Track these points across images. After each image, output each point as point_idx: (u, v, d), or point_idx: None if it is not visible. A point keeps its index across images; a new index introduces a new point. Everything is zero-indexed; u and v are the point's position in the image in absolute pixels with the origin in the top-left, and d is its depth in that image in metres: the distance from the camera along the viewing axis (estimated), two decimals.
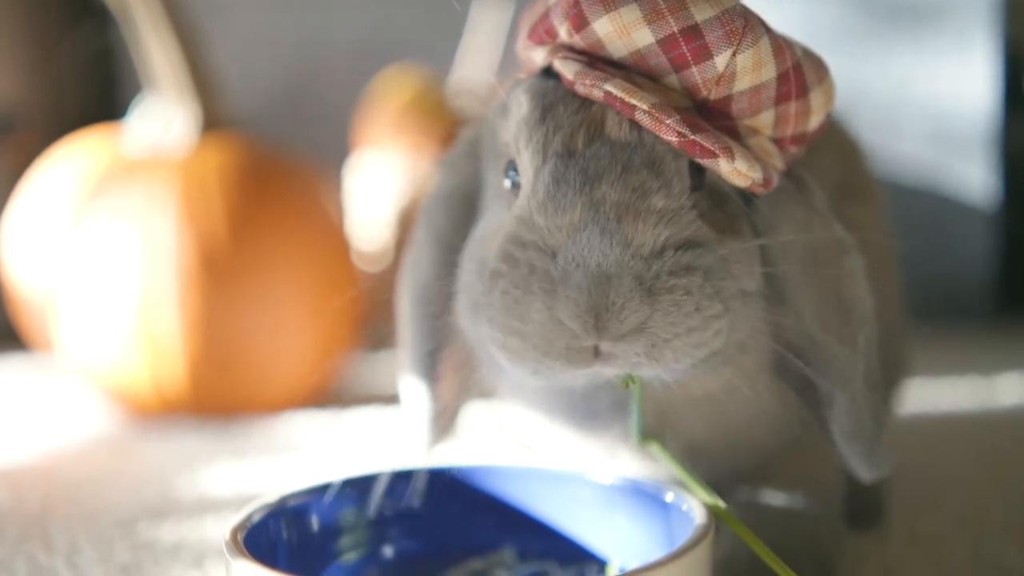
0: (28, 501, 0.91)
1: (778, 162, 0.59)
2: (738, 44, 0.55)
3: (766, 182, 0.57)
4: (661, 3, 0.56)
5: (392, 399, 1.23)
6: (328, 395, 1.26)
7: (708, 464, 0.67)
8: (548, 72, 0.62)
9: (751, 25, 0.56)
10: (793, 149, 0.61)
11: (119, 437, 1.13)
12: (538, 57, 0.62)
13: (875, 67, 1.66)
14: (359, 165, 1.57)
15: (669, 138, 0.55)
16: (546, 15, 0.61)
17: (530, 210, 0.56)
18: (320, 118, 1.79)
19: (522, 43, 0.66)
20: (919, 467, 0.93)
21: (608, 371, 0.56)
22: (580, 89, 0.57)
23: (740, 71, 0.56)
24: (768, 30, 0.57)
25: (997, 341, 1.53)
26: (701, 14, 0.56)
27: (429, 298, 0.68)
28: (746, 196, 0.60)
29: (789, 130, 0.59)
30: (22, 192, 1.45)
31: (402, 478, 0.67)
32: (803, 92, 0.59)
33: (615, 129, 0.56)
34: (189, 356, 1.10)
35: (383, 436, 1.09)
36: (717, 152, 0.55)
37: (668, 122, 0.54)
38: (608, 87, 0.56)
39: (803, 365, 0.61)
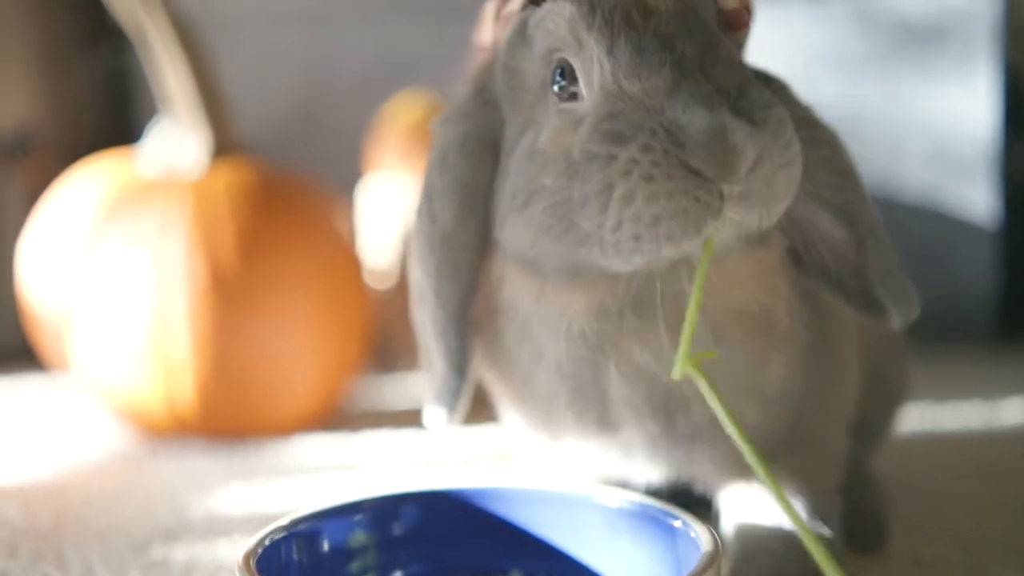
0: (41, 519, 0.92)
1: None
2: None
3: (748, 10, 0.65)
4: None
5: (401, 419, 1.25)
6: (339, 416, 1.28)
7: (745, 425, 0.67)
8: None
9: None
10: (748, 21, 0.67)
11: (132, 456, 1.15)
12: (514, 4, 0.67)
13: (878, 90, 1.68)
14: (370, 187, 1.59)
15: None
16: None
17: (617, 83, 0.58)
18: (331, 140, 1.81)
19: (492, 14, 0.69)
20: (921, 490, 0.94)
21: (731, 216, 0.57)
22: None
23: None
24: None
25: (999, 362, 1.54)
26: None
27: (456, 246, 0.68)
28: None
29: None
30: (39, 212, 1.47)
31: (411, 500, 0.69)
32: None
33: (660, 3, 0.61)
34: (201, 376, 1.12)
35: (393, 459, 1.10)
36: None
37: None
38: None
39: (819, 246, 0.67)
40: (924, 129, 1.67)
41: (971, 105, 1.65)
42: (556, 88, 0.63)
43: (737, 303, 0.65)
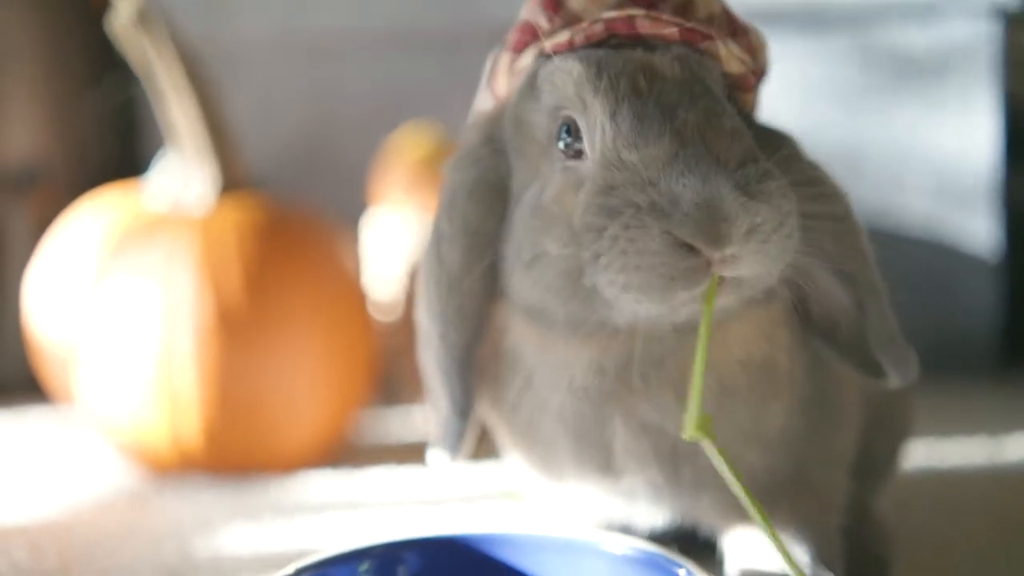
0: (48, 559, 0.92)
1: (752, 81, 0.67)
2: None
3: (755, 74, 0.66)
4: None
5: (406, 453, 1.25)
6: (344, 450, 1.28)
7: (746, 470, 0.69)
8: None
9: None
10: (755, 84, 0.69)
11: (137, 493, 1.15)
12: (527, 59, 0.69)
13: (879, 122, 1.69)
14: (375, 220, 1.60)
15: (669, 31, 0.62)
16: (523, 23, 0.68)
17: (616, 151, 0.60)
18: (336, 173, 1.82)
19: (503, 66, 0.71)
20: (924, 529, 0.94)
21: (725, 273, 0.58)
22: (579, 38, 0.64)
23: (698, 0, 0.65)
24: None
25: (1002, 395, 1.54)
26: None
27: (463, 291, 0.69)
28: None
29: (749, 62, 0.66)
30: (46, 245, 1.48)
31: (416, 546, 0.69)
32: (743, 30, 0.67)
33: (667, 69, 0.62)
34: (206, 413, 1.12)
35: (399, 496, 1.10)
36: (713, 35, 0.62)
37: (665, 18, 0.62)
38: (604, 15, 0.63)
39: (821, 301, 0.68)
40: (925, 161, 1.68)
41: (971, 137, 1.66)
42: (562, 144, 0.64)
43: (741, 355, 0.66)
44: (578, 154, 0.63)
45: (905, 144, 1.68)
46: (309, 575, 0.65)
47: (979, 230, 1.66)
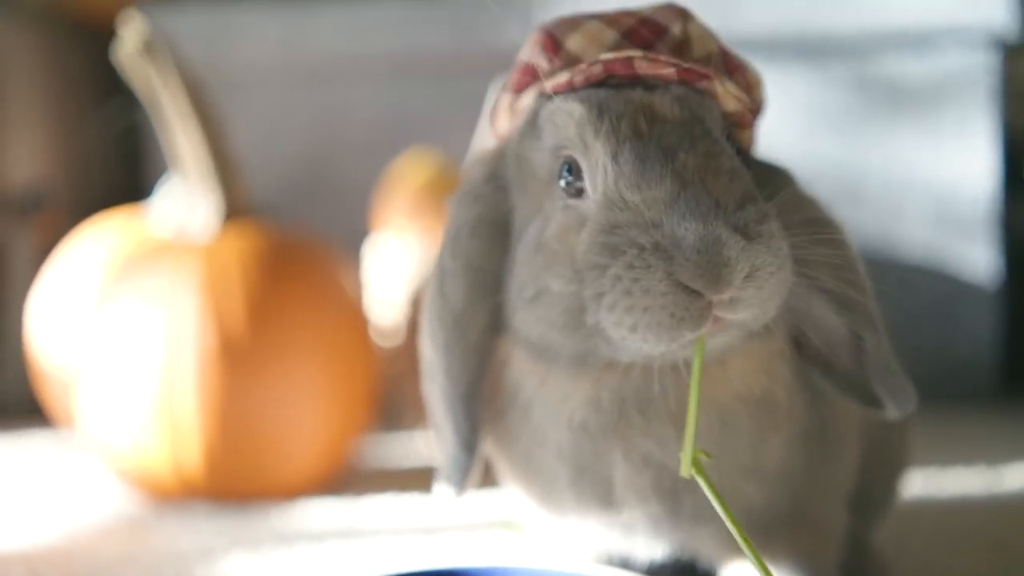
0: None
1: (748, 117, 0.69)
2: (684, 18, 0.68)
3: (752, 110, 0.67)
4: (613, 13, 0.68)
5: (406, 480, 1.26)
6: (345, 478, 1.28)
7: (744, 503, 0.70)
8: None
9: (686, 10, 0.69)
10: (752, 121, 0.70)
11: (138, 520, 1.15)
12: (527, 99, 0.70)
13: (878, 151, 1.70)
14: (377, 246, 1.61)
15: (666, 72, 0.64)
16: (522, 63, 0.70)
17: (619, 191, 0.61)
18: (339, 199, 1.84)
19: (503, 106, 0.72)
20: (922, 561, 0.94)
21: (724, 318, 0.59)
22: (578, 78, 0.65)
23: (694, 39, 0.67)
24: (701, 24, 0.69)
25: (1002, 423, 1.54)
26: (647, 11, 0.68)
27: (466, 326, 0.70)
28: None
29: (742, 97, 0.67)
30: (49, 269, 1.49)
31: None
32: (739, 67, 0.69)
33: (667, 111, 0.63)
34: (208, 440, 1.13)
35: (399, 524, 1.11)
36: (710, 74, 0.64)
37: (662, 59, 0.63)
38: (603, 57, 0.65)
39: (819, 334, 0.69)
40: (924, 190, 1.69)
41: (970, 166, 1.67)
42: (563, 183, 0.65)
43: (741, 389, 0.67)
44: (579, 192, 0.64)
45: (904, 173, 1.70)
46: None
47: (978, 259, 1.67)
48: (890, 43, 1.68)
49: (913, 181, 1.70)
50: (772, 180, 0.68)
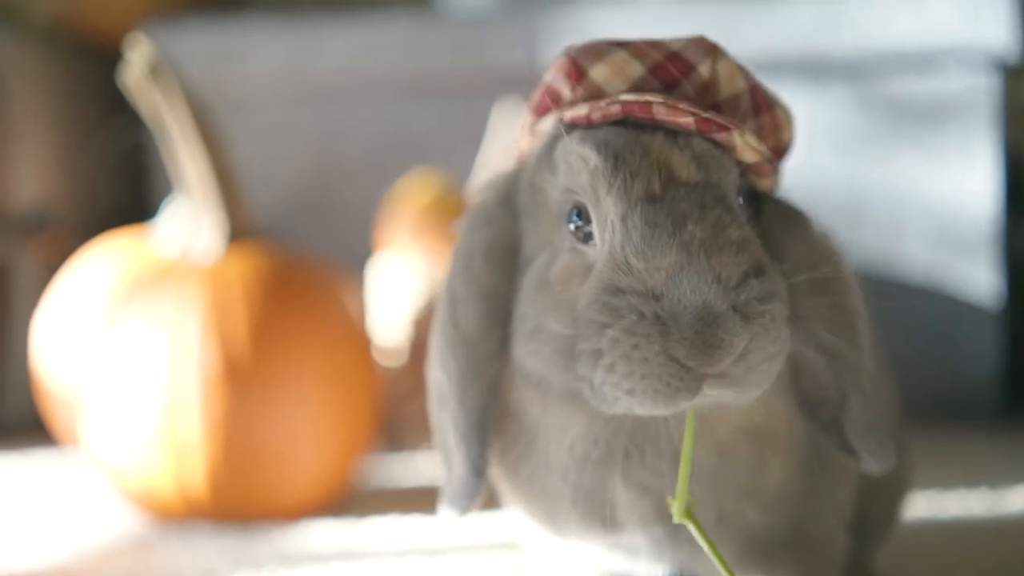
0: None
1: (768, 165, 0.67)
2: (714, 55, 0.66)
3: (778, 153, 0.67)
4: (642, 44, 0.67)
5: (409, 500, 1.26)
6: (348, 499, 1.28)
7: (746, 527, 0.70)
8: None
9: (718, 46, 0.67)
10: (777, 164, 0.69)
11: (141, 540, 1.15)
12: (545, 125, 0.70)
13: (879, 171, 1.71)
14: (380, 266, 1.62)
15: (684, 120, 0.63)
16: (545, 87, 0.69)
17: (624, 255, 0.60)
18: (342, 218, 1.84)
19: (526, 126, 0.72)
20: None
21: (712, 391, 0.60)
22: (596, 115, 0.65)
23: (721, 78, 0.66)
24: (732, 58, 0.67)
25: (1003, 444, 1.54)
26: (676, 45, 0.67)
27: (478, 354, 0.70)
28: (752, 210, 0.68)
29: (769, 141, 0.67)
30: (54, 288, 1.50)
31: None
32: (769, 106, 0.68)
33: (683, 171, 0.62)
34: (211, 461, 1.13)
35: (402, 545, 1.11)
36: (730, 126, 0.63)
37: (681, 106, 0.62)
38: (623, 98, 0.64)
39: (811, 374, 0.68)
40: (925, 210, 1.69)
41: (972, 186, 1.68)
42: (572, 227, 0.65)
43: (738, 422, 0.67)
44: (587, 237, 0.65)
45: (906, 193, 1.70)
46: None
47: (980, 279, 1.67)
48: (892, 63, 1.69)
49: (914, 201, 1.70)
50: (787, 223, 0.68)
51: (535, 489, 0.74)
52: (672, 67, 0.65)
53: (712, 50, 0.66)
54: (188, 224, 1.31)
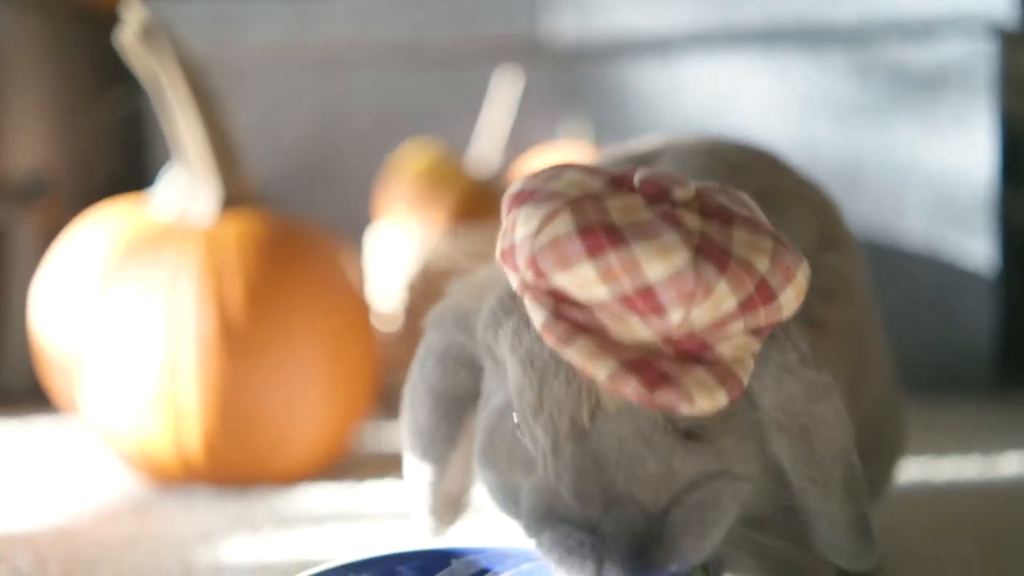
0: (49, 567, 0.93)
1: (756, 347, 0.62)
2: (690, 303, 0.57)
3: (733, 396, 0.59)
4: (614, 263, 0.57)
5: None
6: (345, 464, 1.29)
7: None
8: None
9: (702, 280, 0.57)
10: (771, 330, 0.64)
11: (140, 503, 1.16)
12: (512, 280, 0.63)
13: (877, 140, 1.71)
14: (378, 234, 1.62)
15: (632, 400, 0.58)
16: (511, 249, 0.62)
17: (557, 486, 0.60)
18: (341, 187, 1.84)
19: (497, 244, 0.67)
20: (916, 547, 0.94)
21: None
22: (549, 339, 0.59)
23: (697, 320, 0.58)
24: (725, 266, 0.59)
25: (998, 413, 1.55)
26: (653, 272, 0.57)
27: (426, 439, 0.74)
28: None
29: (763, 324, 0.62)
30: (52, 255, 1.50)
31: (411, 559, 0.70)
32: (770, 299, 0.60)
33: (610, 401, 0.60)
34: (209, 424, 1.14)
35: (399, 508, 1.12)
36: (676, 403, 0.57)
37: (627, 389, 0.57)
38: (571, 352, 0.58)
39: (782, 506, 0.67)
40: (923, 179, 1.69)
41: (969, 155, 1.68)
42: (516, 419, 0.64)
43: None
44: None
45: (903, 162, 1.70)
46: None
47: (976, 248, 1.67)
48: (890, 31, 1.69)
49: (912, 170, 1.70)
50: (769, 373, 0.63)
51: None
52: (641, 303, 0.57)
53: (691, 296, 0.57)
54: (186, 190, 1.31)
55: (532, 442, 0.63)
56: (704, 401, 0.57)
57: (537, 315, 0.59)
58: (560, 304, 0.59)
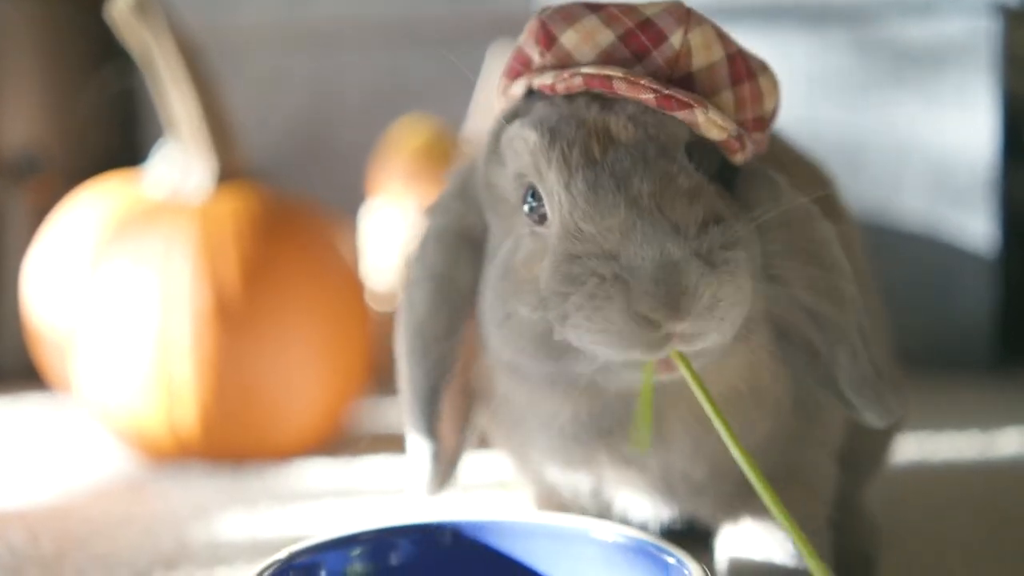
0: (44, 545, 0.93)
1: (744, 136, 0.65)
2: (687, 25, 0.63)
3: (740, 139, 0.63)
4: (614, 9, 0.65)
5: (401, 442, 1.26)
6: (340, 440, 1.29)
7: (732, 477, 0.69)
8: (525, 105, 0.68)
9: (694, 13, 0.64)
10: (756, 135, 0.66)
11: (134, 480, 1.16)
12: (517, 89, 0.68)
13: (877, 117, 1.69)
14: (373, 210, 1.61)
15: (646, 96, 0.61)
16: (517, 50, 0.68)
17: (574, 221, 0.60)
18: (335, 164, 1.83)
19: (499, 89, 0.72)
20: (914, 524, 0.94)
21: (684, 348, 0.60)
22: (560, 86, 0.64)
23: (694, 48, 0.63)
24: (711, 22, 0.65)
25: (997, 391, 1.54)
26: (650, 10, 0.64)
27: (427, 335, 0.71)
28: (725, 180, 0.66)
29: (748, 112, 0.65)
30: (44, 232, 1.49)
31: (408, 533, 0.70)
32: (751, 75, 0.65)
33: (622, 132, 0.61)
34: (203, 400, 1.13)
35: (394, 485, 1.11)
36: (692, 103, 0.61)
37: (642, 82, 0.61)
38: (584, 71, 0.63)
39: (800, 331, 0.67)
40: (923, 156, 1.68)
41: (970, 133, 1.66)
42: (527, 209, 0.65)
43: (722, 390, 0.66)
44: (543, 218, 0.64)
45: (904, 139, 1.69)
46: (302, 560, 0.66)
47: (977, 226, 1.66)
48: (891, 8, 1.67)
49: (913, 147, 1.69)
50: (762, 191, 0.66)
51: (526, 458, 0.77)
52: (643, 36, 0.63)
53: (686, 17, 0.64)
54: (179, 166, 1.30)
55: (549, 201, 0.62)
56: (716, 115, 0.61)
57: (547, 76, 0.64)
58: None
